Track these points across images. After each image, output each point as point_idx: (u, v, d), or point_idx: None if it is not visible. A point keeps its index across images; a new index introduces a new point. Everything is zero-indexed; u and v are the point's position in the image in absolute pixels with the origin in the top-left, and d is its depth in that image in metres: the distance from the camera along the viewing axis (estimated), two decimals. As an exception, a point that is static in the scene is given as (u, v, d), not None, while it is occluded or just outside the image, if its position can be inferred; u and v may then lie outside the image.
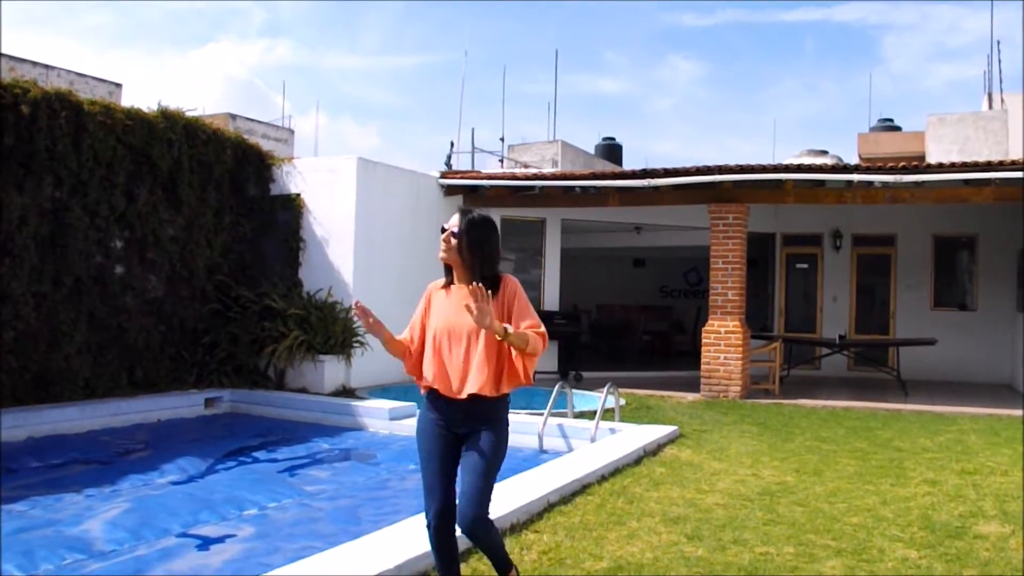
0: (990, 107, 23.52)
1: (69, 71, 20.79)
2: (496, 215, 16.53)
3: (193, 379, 12.51)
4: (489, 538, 4.14)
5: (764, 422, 11.19)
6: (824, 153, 22.38)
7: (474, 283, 3.83)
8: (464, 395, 4.07)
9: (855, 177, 13.27)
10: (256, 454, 9.52)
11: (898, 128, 27.41)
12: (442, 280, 4.34)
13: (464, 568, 4.92)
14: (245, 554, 5.85)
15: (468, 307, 3.82)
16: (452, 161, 21.26)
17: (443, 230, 4.23)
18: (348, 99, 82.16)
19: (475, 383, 4.05)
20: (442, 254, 4.24)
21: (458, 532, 4.10)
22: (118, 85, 22.66)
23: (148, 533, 6.24)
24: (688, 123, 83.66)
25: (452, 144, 21.78)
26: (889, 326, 18.10)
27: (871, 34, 74.11)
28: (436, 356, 4.15)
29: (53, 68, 20.34)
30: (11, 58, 18.72)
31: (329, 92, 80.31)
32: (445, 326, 4.15)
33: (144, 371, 12.00)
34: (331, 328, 12.75)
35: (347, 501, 7.35)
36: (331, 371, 12.66)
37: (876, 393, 14.65)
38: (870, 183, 13.27)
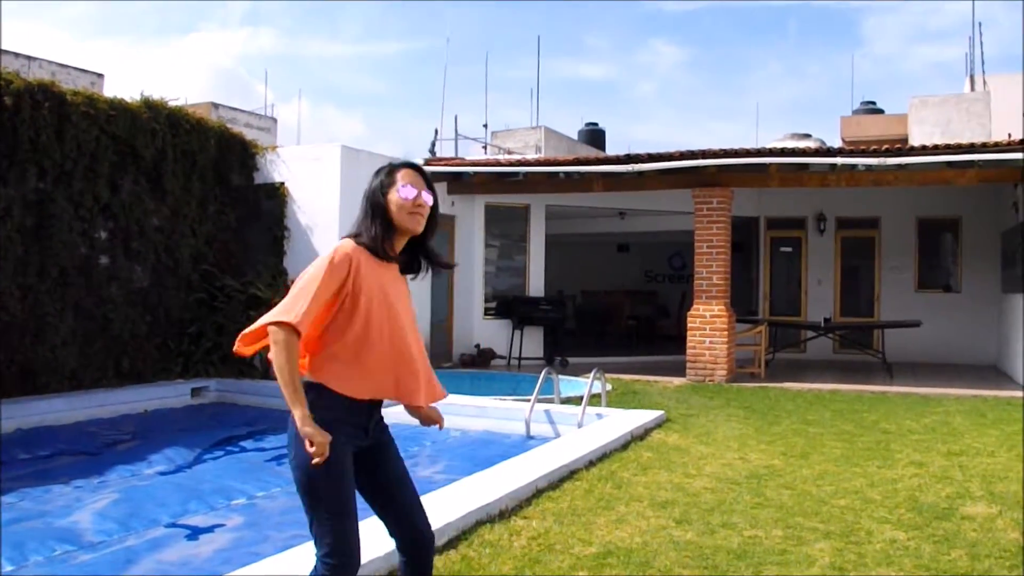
0: (972, 89, 23.58)
1: (51, 62, 20.70)
2: (480, 201, 16.58)
3: (179, 369, 12.48)
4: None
5: (750, 406, 11.24)
6: (807, 136, 22.39)
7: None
8: (431, 402, 3.51)
9: (838, 160, 13.32)
10: (244, 443, 9.52)
11: (881, 111, 27.47)
12: (351, 246, 3.26)
13: (455, 555, 4.95)
14: (235, 543, 5.85)
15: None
16: (436, 148, 21.22)
17: (408, 186, 3.33)
18: (331, 87, 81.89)
19: (433, 381, 3.51)
20: (417, 226, 3.36)
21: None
22: (100, 75, 22.57)
23: (137, 523, 6.24)
24: (671, 107, 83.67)
25: (436, 132, 21.74)
26: (874, 309, 18.20)
27: (852, 16, 74.21)
28: (388, 352, 3.28)
29: (35, 59, 20.24)
30: (-8, 49, 18.61)
31: (312, 80, 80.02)
32: (391, 312, 3.30)
33: (130, 361, 11.97)
34: (317, 317, 12.71)
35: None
36: (318, 360, 12.60)
37: (862, 376, 14.73)
38: (853, 166, 13.31)
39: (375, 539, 4.28)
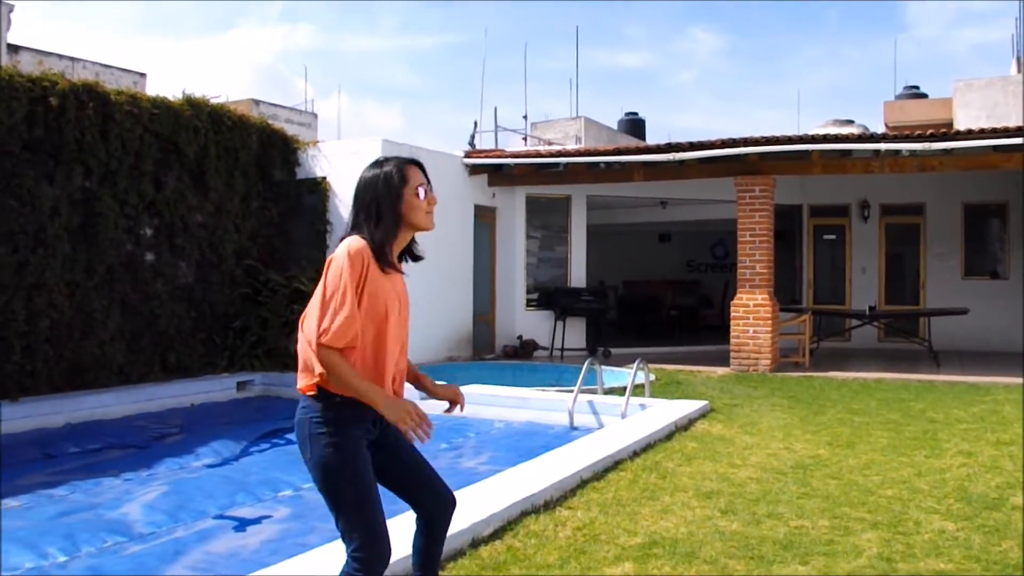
0: (1019, 71, 23.22)
1: (95, 63, 20.96)
2: (521, 193, 16.58)
3: (225, 363, 12.61)
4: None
5: (795, 395, 11.17)
6: (850, 123, 22.18)
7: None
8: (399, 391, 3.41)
9: (882, 146, 13.16)
10: (289, 436, 9.56)
11: (924, 95, 27.12)
12: (361, 243, 3.22)
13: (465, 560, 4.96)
14: (282, 534, 5.91)
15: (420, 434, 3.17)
16: (475, 140, 21.23)
17: (423, 187, 3.34)
18: (370, 81, 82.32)
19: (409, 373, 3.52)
20: (432, 224, 3.38)
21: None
22: (143, 75, 22.83)
23: (185, 515, 6.32)
24: (711, 95, 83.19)
25: (475, 124, 21.74)
26: (919, 296, 17.99)
27: (894, 0, 73.23)
28: (388, 347, 3.29)
29: (79, 60, 20.50)
30: (38, 52, 18.90)
31: (351, 75, 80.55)
32: (400, 309, 3.35)
33: (176, 356, 12.11)
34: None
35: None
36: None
37: (908, 364, 14.57)
38: (898, 152, 13.16)
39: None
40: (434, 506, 3.43)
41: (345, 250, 3.18)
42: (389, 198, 3.26)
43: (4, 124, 9.93)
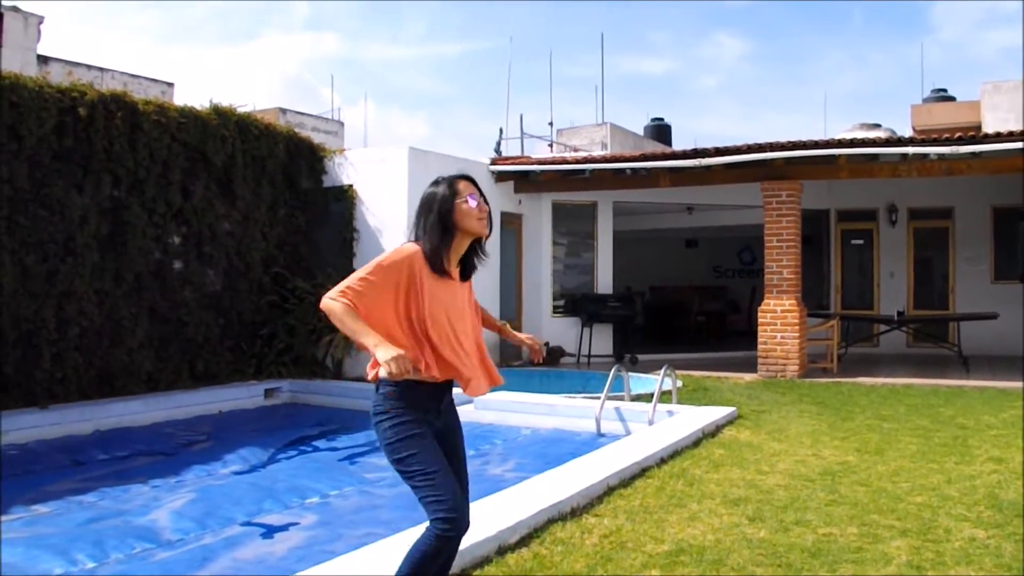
0: (1049, 74, 23.01)
1: (123, 73, 21.13)
2: (548, 199, 16.59)
3: (252, 371, 12.67)
4: None
5: (823, 401, 11.10)
6: (877, 126, 22.08)
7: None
8: (485, 390, 3.75)
9: (910, 150, 13.08)
10: (316, 443, 9.62)
11: (952, 98, 26.93)
12: (414, 247, 3.61)
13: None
14: (309, 541, 5.92)
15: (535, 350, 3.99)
16: (501, 147, 21.26)
17: (473, 196, 3.65)
18: (395, 89, 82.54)
19: (493, 376, 3.78)
20: (482, 227, 3.67)
21: None
22: (170, 84, 22.99)
23: (213, 522, 6.34)
24: (736, 100, 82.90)
25: (501, 131, 21.77)
26: (948, 301, 17.84)
27: (919, 2, 72.76)
28: (445, 345, 3.59)
29: (107, 70, 20.68)
30: (67, 62, 19.08)
31: (376, 83, 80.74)
32: (449, 311, 3.63)
33: (204, 364, 12.18)
34: (387, 317, 12.82)
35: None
36: (388, 360, 12.70)
37: (937, 369, 14.44)
38: (925, 155, 13.07)
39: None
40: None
41: (395, 247, 3.63)
42: (441, 210, 3.61)
43: (34, 134, 10.03)
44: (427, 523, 3.48)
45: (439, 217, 3.60)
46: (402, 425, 3.54)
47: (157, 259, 11.61)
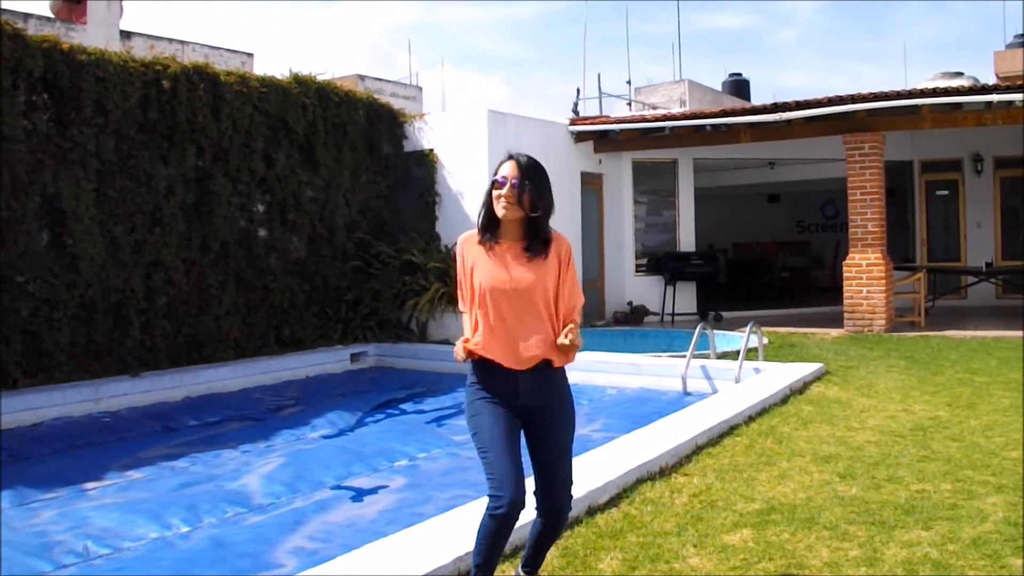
0: None
1: (203, 45, 21.33)
2: (627, 158, 16.42)
3: (338, 335, 12.80)
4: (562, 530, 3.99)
5: (912, 355, 10.84)
6: (959, 75, 21.31)
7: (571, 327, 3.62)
8: (531, 364, 3.66)
9: (994, 97, 12.62)
10: (403, 406, 9.70)
11: (1036, 43, 25.88)
12: (471, 234, 3.79)
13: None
14: (398, 504, 5.97)
15: (564, 346, 3.60)
16: (579, 107, 21.06)
17: (496, 183, 3.66)
18: (472, 52, 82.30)
19: (544, 350, 3.65)
20: (502, 211, 3.63)
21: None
22: (250, 55, 23.14)
23: (303, 486, 6.43)
24: (815, 53, 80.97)
25: (578, 91, 21.55)
26: (1039, 251, 17.27)
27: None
28: (496, 322, 3.65)
29: (188, 43, 20.90)
30: (149, 36, 19.32)
31: (453, 46, 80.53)
32: (500, 287, 3.64)
33: (291, 329, 12.34)
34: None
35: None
36: (471, 322, 12.74)
37: (1031, 322, 14.01)
38: (1010, 103, 12.59)
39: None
40: (543, 503, 3.72)
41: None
42: (486, 195, 3.72)
43: (120, 108, 10.20)
44: None
45: (484, 202, 3.74)
46: (472, 403, 3.73)
47: (242, 227, 11.76)
